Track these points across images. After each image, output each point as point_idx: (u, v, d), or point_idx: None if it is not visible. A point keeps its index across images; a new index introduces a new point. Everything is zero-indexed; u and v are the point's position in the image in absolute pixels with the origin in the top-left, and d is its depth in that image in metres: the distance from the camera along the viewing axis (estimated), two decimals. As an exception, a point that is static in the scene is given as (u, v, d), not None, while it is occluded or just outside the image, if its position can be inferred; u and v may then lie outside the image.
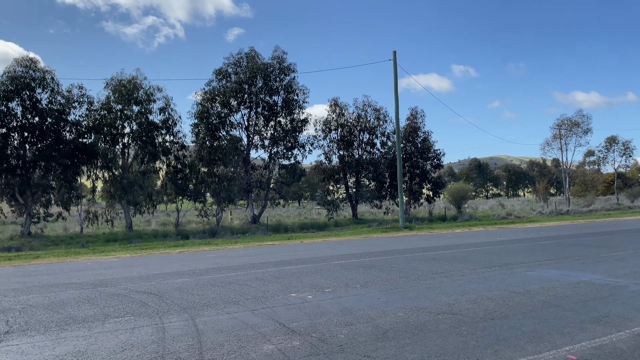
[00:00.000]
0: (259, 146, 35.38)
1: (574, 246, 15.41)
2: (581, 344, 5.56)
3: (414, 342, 5.83)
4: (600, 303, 7.50)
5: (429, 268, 11.56)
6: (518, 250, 14.71)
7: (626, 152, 65.84)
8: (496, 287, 8.91)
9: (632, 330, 6.05)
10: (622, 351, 5.31)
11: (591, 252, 13.56)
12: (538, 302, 7.69)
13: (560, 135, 54.62)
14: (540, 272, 10.52)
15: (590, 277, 9.72)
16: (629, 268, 10.65)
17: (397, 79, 30.49)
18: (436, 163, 42.24)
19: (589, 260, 11.99)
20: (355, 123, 38.09)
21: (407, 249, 16.24)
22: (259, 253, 16.84)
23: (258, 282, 10.30)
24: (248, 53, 34.56)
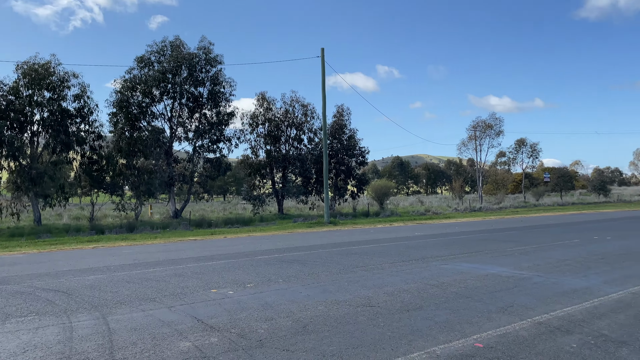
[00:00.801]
0: (183, 138, 34.30)
1: (484, 241, 16.40)
2: (488, 333, 5.92)
3: (333, 334, 5.92)
4: (506, 294, 8.03)
5: (350, 262, 11.80)
6: (434, 245, 15.41)
7: (533, 153, 71.11)
8: (413, 280, 9.28)
9: (534, 319, 6.53)
10: (524, 338, 5.71)
11: (500, 247, 14.50)
12: (450, 293, 8.10)
13: (475, 136, 57.93)
14: (453, 265, 11.09)
15: (498, 269, 10.39)
16: (532, 261, 11.51)
17: (324, 76, 30.80)
18: (361, 160, 43.25)
19: (497, 254, 12.82)
20: (283, 118, 38.00)
21: (330, 244, 16.48)
22: (180, 248, 16.34)
23: (177, 279, 9.98)
24: (173, 42, 33.33)
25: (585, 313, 6.77)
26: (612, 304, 7.29)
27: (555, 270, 10.16)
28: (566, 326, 6.16)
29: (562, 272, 10.00)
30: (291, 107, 38.42)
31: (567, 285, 8.67)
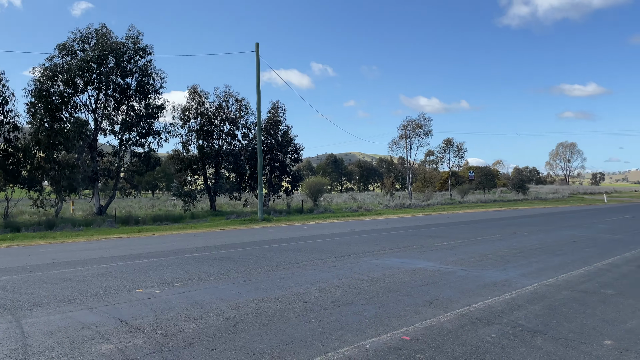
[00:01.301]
0: (109, 131, 32.60)
1: (413, 236, 16.96)
2: (414, 326, 6.11)
3: (264, 332, 5.86)
4: (432, 287, 8.33)
5: (283, 259, 11.77)
6: (366, 241, 15.72)
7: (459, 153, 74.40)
8: (344, 276, 9.40)
9: (457, 311, 6.82)
10: (448, 330, 5.95)
11: (427, 242, 15.05)
12: (380, 288, 8.29)
13: (406, 135, 59.77)
14: (383, 260, 11.37)
15: (425, 264, 10.77)
16: (457, 256, 12.04)
17: (259, 71, 30.49)
18: (296, 157, 43.25)
19: (425, 249, 13.29)
20: (216, 113, 37.19)
21: (264, 241, 16.35)
22: (104, 247, 15.56)
23: (100, 278, 9.49)
24: (98, 30, 31.59)
25: (504, 304, 7.16)
26: (528, 295, 7.76)
27: (478, 264, 10.69)
28: (487, 317, 6.48)
29: (484, 265, 10.54)
30: (225, 102, 37.68)
31: (488, 278, 9.15)
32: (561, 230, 18.53)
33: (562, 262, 10.99)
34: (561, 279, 9.06)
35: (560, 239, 15.67)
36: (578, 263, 10.80)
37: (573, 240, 15.25)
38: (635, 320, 6.36)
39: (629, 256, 11.87)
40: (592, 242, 14.64)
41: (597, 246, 13.74)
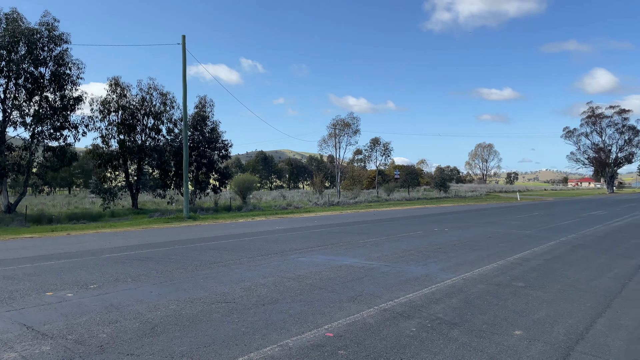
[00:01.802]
0: (19, 123, 30.21)
1: (340, 234, 17.18)
2: (338, 322, 6.15)
3: (185, 334, 5.66)
4: (357, 284, 8.46)
5: (208, 258, 11.47)
6: (294, 238, 15.72)
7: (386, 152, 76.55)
8: (270, 274, 9.32)
9: (380, 306, 6.96)
10: (371, 325, 6.05)
11: (353, 239, 15.30)
12: (306, 285, 8.29)
13: (335, 134, 60.57)
14: (310, 257, 11.40)
15: (350, 260, 10.93)
16: (382, 252, 12.34)
17: (185, 64, 29.57)
18: (224, 153, 42.40)
19: (351, 246, 13.50)
20: (139, 106, 35.60)
21: (188, 240, 15.86)
22: (12, 247, 14.39)
23: (5, 281, 8.75)
24: (8, 14, 29.14)
25: (424, 299, 7.41)
26: (446, 289, 8.09)
27: (401, 260, 11.01)
28: (408, 312, 6.67)
29: (407, 261, 10.87)
30: (149, 95, 36.16)
31: (410, 273, 9.44)
32: (478, 227, 19.56)
33: (478, 256, 11.58)
34: (477, 272, 9.54)
35: (477, 234, 16.54)
36: (492, 257, 11.43)
37: (489, 236, 16.15)
38: (542, 311, 6.81)
39: (538, 250, 12.74)
40: (505, 238, 15.57)
41: (510, 241, 14.63)
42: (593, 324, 6.23)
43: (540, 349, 5.31)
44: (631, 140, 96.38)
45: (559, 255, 12.02)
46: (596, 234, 17.13)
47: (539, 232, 17.63)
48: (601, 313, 6.76)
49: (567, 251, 12.71)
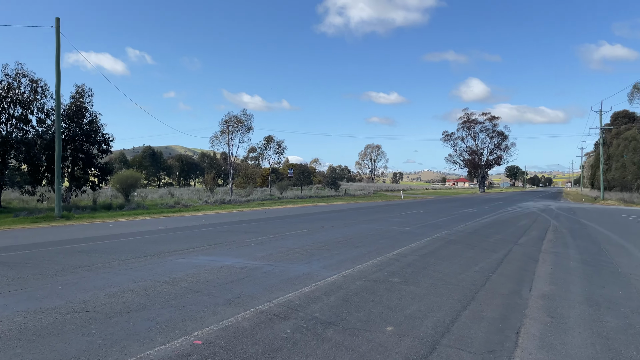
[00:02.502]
0: None
1: (227, 233, 16.68)
2: (210, 328, 5.79)
3: (27, 351, 4.94)
4: (236, 285, 8.13)
5: (73, 262, 10.39)
6: (176, 238, 14.92)
7: (279, 150, 76.88)
8: (142, 278, 8.64)
9: (257, 308, 6.71)
10: (245, 329, 5.77)
11: (240, 238, 14.91)
12: (180, 289, 7.78)
13: (228, 130, 59.33)
14: (190, 259, 10.83)
15: (233, 261, 10.55)
16: (266, 251, 12.11)
17: (59, 50, 26.89)
18: (104, 148, 39.38)
19: (236, 246, 13.11)
20: (5, 94, 31.72)
21: (56, 241, 14.34)
22: None
23: None
24: None
25: (303, 298, 7.31)
26: (326, 287, 8.08)
27: (285, 259, 10.87)
28: (285, 312, 6.50)
29: (291, 260, 10.76)
30: (16, 82, 32.35)
31: (293, 272, 9.32)
32: (363, 224, 20.18)
33: (360, 253, 11.84)
34: (357, 269, 9.69)
35: (362, 231, 17.01)
36: (373, 254, 11.74)
37: (372, 233, 16.68)
38: (414, 306, 7.03)
39: (415, 246, 13.36)
40: (387, 235, 16.19)
41: (390, 238, 15.21)
42: (458, 317, 6.55)
43: (409, 344, 5.42)
44: (500, 144, 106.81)
45: (433, 250, 12.70)
46: (467, 230, 18.50)
47: (417, 228, 18.61)
48: (466, 305, 7.15)
49: (441, 247, 13.49)
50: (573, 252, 13.13)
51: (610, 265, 11.23)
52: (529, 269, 10.42)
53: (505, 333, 5.95)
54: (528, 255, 12.43)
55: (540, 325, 6.32)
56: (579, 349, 5.47)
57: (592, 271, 10.32)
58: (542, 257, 12.18)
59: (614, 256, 12.63)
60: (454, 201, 51.07)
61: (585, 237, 17.04)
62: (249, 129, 59.71)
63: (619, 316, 6.84)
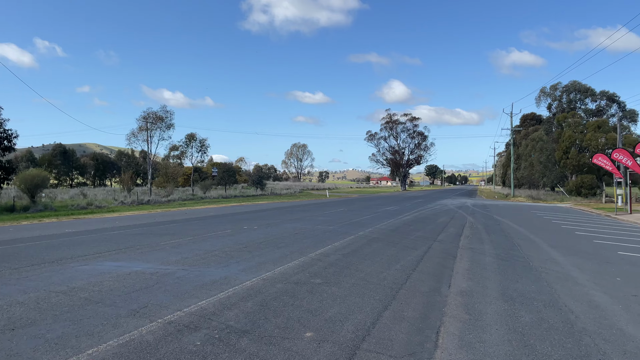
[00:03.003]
0: None
1: (141, 235, 15.64)
2: (108, 343, 5.16)
3: None
4: (143, 293, 7.44)
5: (-45, 272, 9.11)
6: (83, 243, 13.72)
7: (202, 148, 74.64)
8: (35, 288, 7.69)
9: (165, 318, 6.12)
10: (148, 344, 5.19)
11: (154, 241, 13.99)
12: (79, 300, 6.98)
13: (147, 127, 56.63)
14: (95, 265, 9.89)
15: (143, 266, 9.77)
16: (182, 254, 11.39)
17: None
18: (6, 145, 36.14)
19: (149, 249, 12.24)
20: None
21: (-63, 249, 12.65)
22: None
23: None
24: None
25: (218, 305, 6.80)
26: (244, 292, 7.61)
27: (201, 262, 10.24)
28: (196, 322, 5.97)
29: (208, 263, 10.15)
30: None
31: (209, 277, 8.75)
32: (288, 224, 19.83)
33: (282, 254, 11.46)
34: (278, 271, 9.30)
35: (285, 231, 16.66)
36: (296, 254, 11.42)
37: (296, 232, 16.37)
38: (335, 309, 6.76)
39: (338, 245, 13.21)
40: (311, 234, 15.95)
41: (314, 237, 14.98)
42: (380, 318, 6.36)
43: (329, 351, 5.12)
44: (420, 144, 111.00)
45: (356, 249, 12.61)
46: (389, 227, 18.73)
47: (341, 227, 18.57)
48: (387, 305, 7.00)
49: (364, 245, 13.45)
50: (488, 248, 13.60)
51: (522, 259, 11.69)
52: (447, 265, 10.57)
53: (425, 333, 5.83)
54: (447, 251, 12.68)
55: (459, 323, 6.28)
56: (497, 346, 5.45)
57: (506, 266, 10.66)
58: (459, 253, 12.47)
59: (525, 250, 13.22)
60: (377, 199, 52.19)
61: (499, 233, 17.83)
62: (169, 126, 57.36)
63: (532, 310, 6.99)
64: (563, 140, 57.06)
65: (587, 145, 54.25)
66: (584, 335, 5.91)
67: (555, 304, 7.42)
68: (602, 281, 9.25)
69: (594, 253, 13.04)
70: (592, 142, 53.42)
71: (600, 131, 54.00)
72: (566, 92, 66.21)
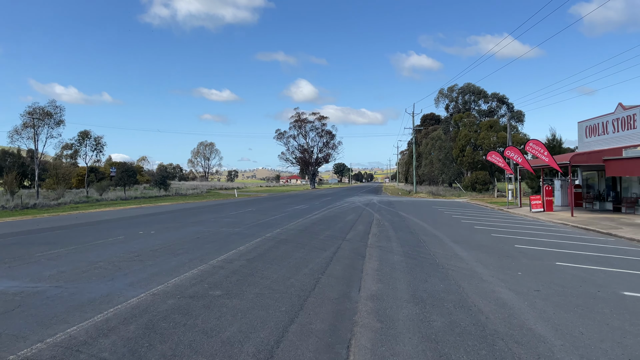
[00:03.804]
0: None
1: (14, 245, 13.60)
2: None
3: None
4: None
5: None
6: (-63, 258, 11.54)
7: (98, 147, 69.34)
8: None
9: (18, 354, 4.94)
10: (-12, 391, 4.05)
11: (28, 252, 12.16)
12: None
13: (33, 124, 51.32)
14: (-58, 287, 8.17)
15: (6, 285, 8.23)
16: (59, 268, 9.88)
17: None
18: None
19: (19, 263, 10.52)
20: None
21: None
22: None
23: None
24: None
25: (93, 331, 5.70)
26: (128, 312, 6.54)
27: (82, 277, 8.89)
28: (60, 356, 4.87)
29: (89, 277, 8.83)
30: None
31: (87, 294, 7.51)
32: (190, 227, 18.53)
33: (179, 263, 10.37)
34: (172, 283, 8.27)
35: (186, 236, 15.44)
36: (195, 262, 10.39)
37: (197, 236, 15.22)
38: (234, 326, 5.95)
39: (244, 249, 12.35)
40: (214, 237, 14.90)
41: (218, 241, 13.97)
42: (285, 334, 5.67)
43: (224, 383, 4.32)
44: (328, 143, 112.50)
45: (262, 253, 11.84)
46: (298, 227, 18.17)
47: (248, 228, 17.68)
48: (294, 318, 6.33)
49: (271, 248, 12.72)
50: (396, 245, 13.49)
51: (429, 256, 11.64)
52: (357, 266, 10.17)
53: (335, 349, 5.23)
54: (356, 251, 12.34)
55: (370, 333, 5.77)
56: (411, 359, 4.99)
57: (414, 264, 10.49)
58: (368, 252, 12.18)
59: (431, 247, 13.27)
60: (287, 198, 51.71)
61: (405, 229, 17.98)
62: (59, 123, 52.40)
63: (443, 313, 6.69)
64: (459, 139, 60.51)
65: (480, 144, 57.96)
66: (497, 339, 5.66)
67: (465, 303, 7.21)
68: (505, 276, 9.33)
69: (493, 247, 13.41)
70: (485, 141, 57.15)
71: (492, 130, 57.94)
72: (462, 93, 70.39)
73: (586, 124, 30.75)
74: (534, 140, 27.39)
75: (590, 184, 31.28)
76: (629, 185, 26.53)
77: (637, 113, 24.77)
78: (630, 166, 22.79)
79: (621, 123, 26.37)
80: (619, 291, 8.25)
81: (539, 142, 27.17)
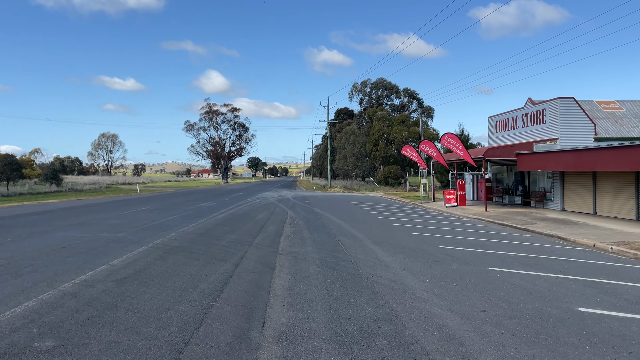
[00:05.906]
0: None
1: None
2: None
3: None
4: None
5: None
6: None
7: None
8: None
9: None
10: None
11: None
12: None
13: None
14: None
15: None
16: None
17: None
18: None
19: None
20: None
21: None
22: None
23: None
24: None
25: None
26: None
27: None
28: None
29: None
30: None
31: None
32: (61, 231, 15.25)
33: (17, 288, 7.58)
34: (-16, 328, 5.61)
35: (50, 244, 12.35)
36: (41, 286, 7.66)
37: (64, 245, 12.19)
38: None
39: (118, 263, 9.71)
40: (85, 246, 11.99)
41: (88, 252, 11.14)
42: None
43: None
44: (241, 136, 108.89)
45: (142, 268, 9.29)
46: (197, 230, 15.63)
47: (135, 232, 14.84)
48: (156, 390, 4.06)
49: (156, 260, 10.19)
50: (311, 250, 11.55)
51: (349, 264, 9.82)
52: (263, 284, 8.03)
53: None
54: (264, 261, 10.20)
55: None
56: None
57: (333, 277, 8.57)
58: (279, 261, 10.11)
59: (351, 251, 11.51)
60: (195, 194, 48.26)
61: (321, 229, 16.16)
62: None
63: (377, 358, 4.79)
64: (373, 134, 60.37)
65: (393, 138, 58.18)
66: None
67: (403, 339, 5.39)
68: (440, 290, 7.70)
69: (417, 249, 11.94)
70: (397, 135, 57.41)
71: (404, 125, 58.37)
72: (375, 88, 70.51)
73: (496, 118, 30.98)
74: (449, 134, 26.89)
75: (499, 178, 31.64)
76: (536, 179, 26.88)
77: (546, 108, 24.98)
78: (541, 161, 22.79)
79: (530, 118, 26.58)
80: (573, 307, 6.91)
81: (454, 135, 26.72)
